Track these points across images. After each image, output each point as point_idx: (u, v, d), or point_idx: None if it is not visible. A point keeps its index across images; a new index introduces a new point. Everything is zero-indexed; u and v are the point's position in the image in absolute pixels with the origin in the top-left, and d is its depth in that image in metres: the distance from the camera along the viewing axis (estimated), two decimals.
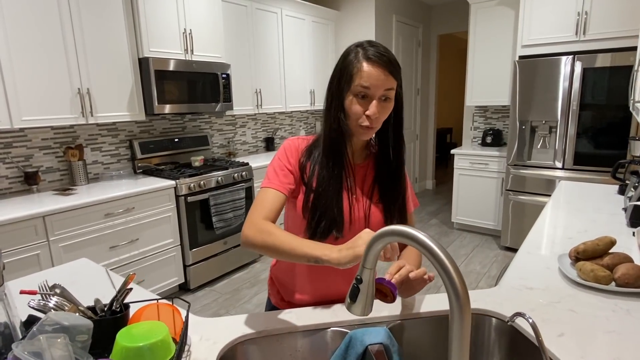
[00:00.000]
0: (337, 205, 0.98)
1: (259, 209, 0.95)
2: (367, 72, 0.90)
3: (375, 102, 0.91)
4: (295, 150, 1.03)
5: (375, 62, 0.90)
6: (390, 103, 0.95)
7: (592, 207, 1.81)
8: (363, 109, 0.92)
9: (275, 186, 0.98)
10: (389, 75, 0.91)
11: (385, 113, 0.95)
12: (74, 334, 0.71)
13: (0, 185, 2.42)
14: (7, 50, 2.12)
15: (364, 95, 0.91)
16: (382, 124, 0.97)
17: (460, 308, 0.45)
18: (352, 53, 0.94)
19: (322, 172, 0.99)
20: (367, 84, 0.90)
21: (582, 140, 3.08)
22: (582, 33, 3.03)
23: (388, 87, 0.91)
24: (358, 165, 1.07)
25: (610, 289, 1.03)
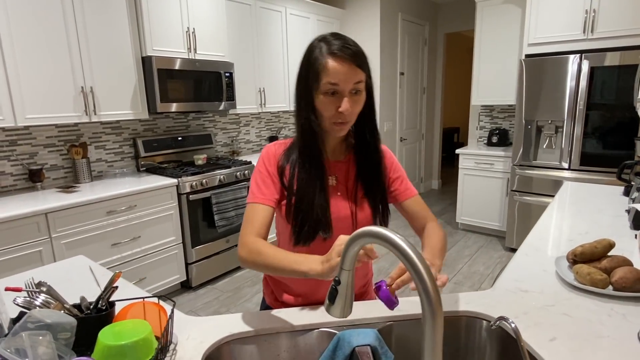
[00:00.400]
0: (320, 205, 0.97)
1: (249, 228, 0.95)
2: (333, 68, 0.87)
3: (346, 98, 0.89)
4: (272, 156, 1.02)
5: (340, 57, 0.87)
6: (362, 95, 0.93)
7: (595, 209, 1.77)
8: (335, 106, 0.90)
9: (260, 200, 0.97)
10: (357, 68, 0.88)
11: (358, 106, 0.93)
12: (57, 331, 0.72)
13: (5, 182, 2.45)
14: (12, 48, 2.14)
15: (334, 92, 0.89)
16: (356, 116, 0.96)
17: (433, 312, 0.44)
18: (317, 49, 0.91)
19: (300, 175, 0.98)
20: (335, 80, 0.87)
21: (588, 141, 3.03)
22: (589, 31, 2.97)
23: (357, 81, 0.89)
24: (339, 162, 1.05)
25: (607, 292, 1.00)
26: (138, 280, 2.61)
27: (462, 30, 5.27)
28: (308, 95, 0.93)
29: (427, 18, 5.19)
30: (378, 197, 1.04)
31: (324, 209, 0.98)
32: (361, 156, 1.03)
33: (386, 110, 4.63)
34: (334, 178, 1.03)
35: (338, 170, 1.04)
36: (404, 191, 1.09)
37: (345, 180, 1.04)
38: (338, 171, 1.04)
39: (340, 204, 1.03)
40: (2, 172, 2.44)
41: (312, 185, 0.97)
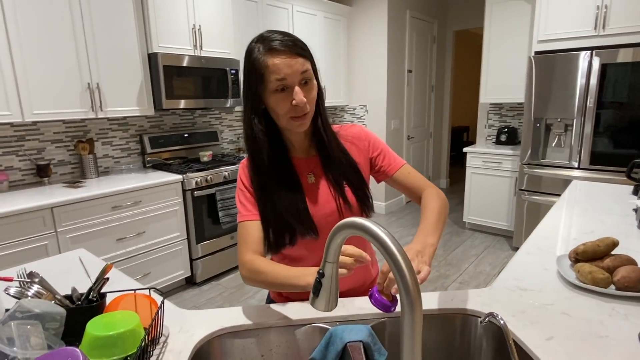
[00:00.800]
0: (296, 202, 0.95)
1: (244, 246, 0.95)
2: (276, 64, 0.84)
3: (297, 89, 0.86)
4: (245, 169, 1.00)
5: (280, 51, 0.85)
6: (312, 83, 0.90)
7: (602, 208, 1.73)
8: (289, 101, 0.87)
9: (248, 217, 0.97)
10: (299, 57, 0.86)
11: (311, 96, 0.90)
12: (46, 321, 0.72)
13: (14, 177, 2.49)
14: (19, 45, 2.17)
15: (283, 87, 0.86)
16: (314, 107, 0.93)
17: (411, 304, 0.43)
18: (255, 51, 0.88)
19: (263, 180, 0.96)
20: (281, 75, 0.84)
21: (599, 139, 2.97)
22: (601, 27, 2.91)
23: (303, 70, 0.86)
24: (312, 157, 1.02)
25: (609, 292, 0.98)
26: (142, 275, 2.64)
27: (472, 28, 5.20)
28: (257, 100, 0.90)
29: (436, 15, 5.13)
30: (356, 186, 1.01)
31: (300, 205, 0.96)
32: (321, 147, 1.00)
33: (393, 108, 4.60)
34: (311, 175, 1.01)
35: (313, 167, 1.02)
36: (389, 165, 1.06)
37: (323, 174, 1.02)
38: (313, 167, 1.02)
39: (323, 200, 1.01)
40: (11, 167, 2.47)
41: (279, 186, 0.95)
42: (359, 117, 4.72)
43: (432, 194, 1.01)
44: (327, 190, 1.01)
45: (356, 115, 4.75)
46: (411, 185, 1.05)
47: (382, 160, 1.06)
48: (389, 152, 1.07)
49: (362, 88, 4.63)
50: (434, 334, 0.95)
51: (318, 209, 0.99)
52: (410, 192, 1.06)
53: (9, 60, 2.14)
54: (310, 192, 1.00)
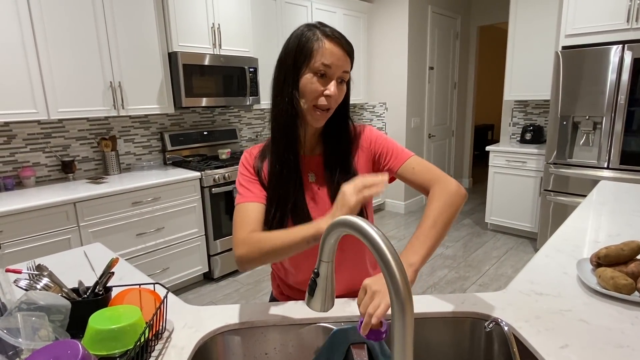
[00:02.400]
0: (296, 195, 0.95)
1: (241, 226, 0.90)
2: (329, 50, 0.86)
3: (334, 82, 0.88)
4: (249, 158, 1.01)
5: (337, 41, 0.87)
6: (344, 86, 0.92)
7: (630, 210, 1.64)
8: (322, 88, 0.88)
9: (250, 199, 0.95)
10: (348, 57, 0.89)
11: (341, 96, 0.92)
12: (51, 313, 0.73)
13: (40, 172, 2.59)
14: (45, 45, 2.24)
15: (324, 73, 0.87)
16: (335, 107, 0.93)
17: (402, 307, 0.41)
18: (309, 32, 0.89)
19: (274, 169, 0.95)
20: (329, 62, 0.86)
21: (630, 138, 2.82)
22: (634, 20, 2.76)
23: (346, 69, 0.89)
24: (315, 156, 1.01)
25: (632, 299, 0.92)
26: (161, 270, 2.69)
27: (497, 23, 5.05)
28: (296, 74, 0.89)
29: (459, 11, 5.01)
30: None
31: (299, 200, 0.95)
32: (328, 148, 1.00)
33: (414, 106, 4.52)
34: (312, 175, 1.00)
35: (315, 166, 1.01)
36: (394, 162, 0.99)
37: (323, 174, 1.01)
38: (316, 166, 1.01)
39: (321, 199, 0.99)
40: (37, 163, 2.57)
41: (287, 175, 0.94)
42: (379, 115, 4.66)
43: (436, 192, 0.91)
44: (325, 192, 1.00)
45: (376, 113, 4.70)
46: (419, 179, 0.95)
47: (386, 158, 1.02)
48: (394, 149, 1.01)
49: (382, 85, 4.57)
50: (442, 337, 0.92)
51: (315, 208, 0.98)
52: (419, 188, 0.98)
53: (35, 60, 2.22)
54: (309, 190, 0.99)
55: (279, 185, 0.95)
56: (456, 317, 0.91)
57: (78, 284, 0.83)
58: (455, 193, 0.91)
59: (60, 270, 1.19)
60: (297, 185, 0.95)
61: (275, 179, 0.95)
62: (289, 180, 0.95)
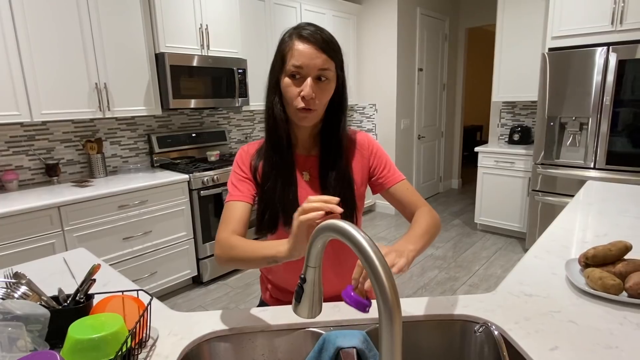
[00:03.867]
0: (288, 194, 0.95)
1: (225, 225, 0.93)
2: (298, 51, 0.85)
3: (309, 82, 0.86)
4: (245, 155, 1.01)
5: (307, 40, 0.85)
6: (329, 84, 0.89)
7: (617, 210, 1.66)
8: (298, 90, 0.87)
9: (237, 198, 0.96)
10: (322, 53, 0.86)
11: (324, 95, 0.89)
12: (29, 322, 0.71)
13: (23, 176, 2.52)
14: (28, 45, 2.19)
15: (297, 75, 0.87)
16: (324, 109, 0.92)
17: (390, 314, 0.39)
18: (286, 35, 0.90)
19: (267, 166, 0.96)
20: (299, 62, 0.85)
21: (615, 138, 2.86)
22: (618, 22, 2.80)
23: (322, 67, 0.86)
24: (311, 156, 1.01)
25: (620, 299, 0.92)
26: (149, 275, 2.64)
27: (485, 25, 5.10)
28: (276, 79, 0.91)
29: (448, 13, 5.05)
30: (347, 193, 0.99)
31: (291, 199, 0.95)
32: (324, 150, 0.99)
33: (403, 108, 4.54)
34: (307, 173, 1.00)
35: (311, 166, 1.01)
36: (389, 178, 1.03)
37: (317, 175, 1.01)
38: (311, 166, 1.01)
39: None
40: (21, 166, 2.51)
41: (277, 174, 0.95)
42: (369, 116, 4.67)
43: (425, 212, 0.97)
44: (318, 191, 1.00)
45: (366, 115, 4.70)
46: (407, 201, 1.01)
47: (382, 172, 1.03)
48: (391, 165, 1.05)
49: (372, 87, 4.57)
50: (432, 340, 0.91)
51: None
52: (404, 208, 1.02)
53: (17, 61, 2.17)
54: (303, 189, 0.99)
55: (272, 184, 0.95)
56: (446, 320, 0.91)
57: (58, 292, 0.81)
58: (438, 220, 0.98)
59: (40, 278, 1.15)
60: (290, 183, 0.95)
61: (268, 178, 0.96)
62: (282, 178, 0.95)
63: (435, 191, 5.46)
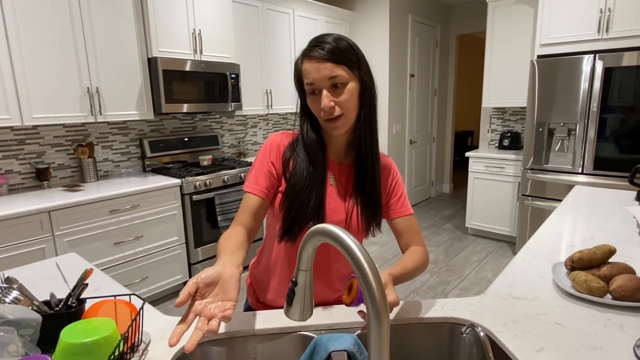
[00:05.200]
0: (317, 199, 0.95)
1: (238, 215, 0.97)
2: (307, 69, 0.89)
3: (324, 93, 0.88)
4: (276, 147, 1.01)
5: (311, 57, 0.89)
6: (346, 89, 0.89)
7: (603, 214, 1.70)
8: (319, 104, 0.90)
9: (251, 190, 0.98)
10: (327, 62, 0.87)
11: (344, 99, 0.89)
12: (20, 327, 0.71)
13: (13, 180, 2.50)
14: (19, 48, 2.18)
15: (314, 91, 0.90)
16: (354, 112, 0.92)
17: (378, 316, 0.41)
18: (298, 59, 0.93)
19: (300, 168, 0.97)
20: (311, 79, 0.89)
21: (602, 144, 2.92)
22: (604, 31, 2.87)
23: (331, 75, 0.87)
24: (342, 164, 1.03)
25: (605, 301, 0.95)
26: (140, 279, 2.63)
27: (475, 32, 5.18)
28: (302, 103, 0.97)
29: (439, 19, 5.12)
30: (372, 205, 1.00)
31: (318, 204, 0.96)
32: (359, 158, 1.00)
33: (395, 113, 4.58)
34: (333, 178, 1.01)
35: (341, 173, 1.02)
36: (399, 208, 1.05)
37: (345, 183, 1.02)
38: (341, 173, 1.02)
39: (335, 207, 1.00)
40: (11, 170, 2.48)
41: (309, 180, 0.96)
42: None
43: (420, 250, 1.02)
44: (342, 200, 1.00)
45: None
46: (407, 234, 1.05)
47: (394, 197, 1.05)
48: (405, 198, 1.07)
49: None
50: (420, 342, 0.93)
51: (327, 213, 0.99)
52: (402, 239, 1.06)
53: (8, 64, 2.16)
54: (327, 195, 1.00)
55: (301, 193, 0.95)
56: (435, 322, 0.92)
57: (50, 297, 0.81)
58: (427, 261, 1.04)
59: (31, 283, 1.14)
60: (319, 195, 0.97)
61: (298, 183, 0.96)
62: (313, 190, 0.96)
63: (427, 196, 5.50)
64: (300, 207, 0.95)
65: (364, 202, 1.00)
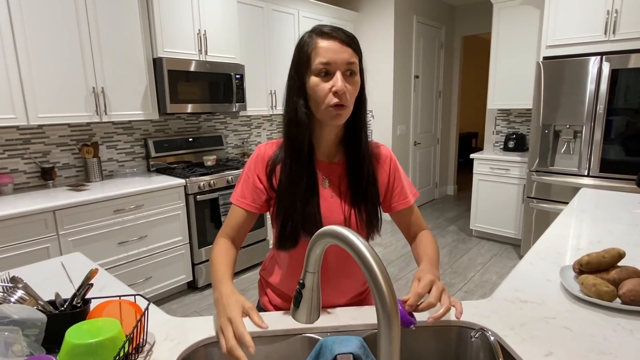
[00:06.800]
0: (308, 205, 0.93)
1: (224, 228, 1.01)
2: (324, 48, 0.85)
3: (339, 76, 0.84)
4: (261, 159, 0.98)
5: (331, 36, 0.86)
6: (357, 78, 0.89)
7: (610, 217, 1.68)
8: (329, 87, 0.85)
9: (238, 203, 0.99)
10: (348, 47, 0.86)
11: (354, 89, 0.89)
12: (25, 327, 0.70)
13: (19, 179, 2.51)
14: (26, 49, 2.19)
15: (327, 71, 0.85)
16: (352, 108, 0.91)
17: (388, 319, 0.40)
18: (306, 37, 0.89)
19: (285, 173, 0.94)
20: (327, 59, 0.84)
21: (609, 146, 2.90)
22: (611, 32, 2.85)
23: (350, 61, 0.86)
24: (333, 163, 0.99)
25: (614, 306, 0.93)
26: (144, 279, 2.63)
27: (480, 33, 5.16)
28: (300, 82, 0.89)
29: (444, 21, 5.10)
30: (370, 202, 0.98)
31: (312, 209, 0.93)
32: (350, 156, 0.97)
33: (399, 114, 4.57)
34: (326, 181, 0.98)
35: (332, 173, 0.98)
36: (401, 201, 1.04)
37: (339, 183, 0.99)
38: (332, 173, 0.98)
39: (333, 208, 0.97)
40: (16, 169, 2.49)
41: (297, 184, 0.92)
42: None
43: (429, 236, 1.04)
44: (338, 201, 0.98)
45: None
46: (412, 224, 1.06)
47: (395, 190, 1.03)
48: (405, 187, 1.05)
49: (368, 93, 4.52)
50: (427, 346, 0.92)
51: (325, 216, 0.96)
52: (407, 229, 1.07)
53: (15, 64, 2.17)
54: (323, 198, 0.97)
55: (291, 196, 0.93)
56: (442, 325, 0.91)
57: (55, 297, 0.80)
58: (437, 243, 1.07)
59: (36, 282, 1.14)
60: (311, 195, 0.93)
61: (287, 188, 0.94)
62: (303, 189, 0.93)
63: (431, 197, 5.48)
64: (294, 215, 0.93)
65: (360, 200, 0.98)
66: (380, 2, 4.29)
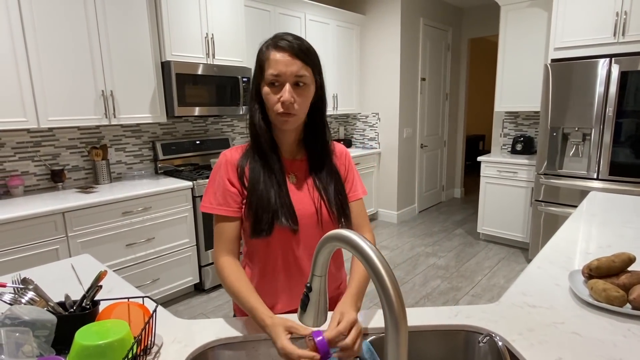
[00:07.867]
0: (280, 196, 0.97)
1: (217, 244, 1.00)
2: (275, 60, 0.90)
3: (287, 87, 0.90)
4: (230, 164, 1.01)
5: (282, 49, 0.90)
6: (307, 89, 0.94)
7: (621, 221, 1.66)
8: (277, 96, 0.92)
9: (223, 212, 0.98)
10: (298, 60, 0.90)
11: (303, 100, 0.94)
12: (35, 328, 0.71)
13: (29, 182, 2.55)
14: (36, 53, 2.23)
15: (276, 82, 0.91)
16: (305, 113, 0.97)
17: (396, 324, 0.40)
18: (264, 47, 0.94)
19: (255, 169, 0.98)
20: (277, 72, 0.90)
21: (618, 149, 2.86)
22: (620, 34, 2.82)
23: (299, 74, 0.91)
24: (296, 160, 1.05)
25: (624, 311, 0.92)
26: (151, 281, 2.65)
27: (488, 35, 5.14)
28: (257, 89, 0.96)
29: (451, 23, 5.09)
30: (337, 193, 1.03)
31: (284, 198, 0.97)
32: (312, 157, 1.04)
33: (406, 117, 4.56)
34: (293, 176, 1.04)
35: (297, 169, 1.05)
36: (352, 192, 1.09)
37: (304, 178, 1.05)
38: (297, 170, 1.05)
39: (304, 200, 1.02)
40: (26, 172, 2.53)
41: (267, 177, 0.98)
42: (372, 125, 4.69)
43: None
44: (307, 193, 1.03)
45: (368, 123, 4.72)
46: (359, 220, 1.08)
47: (347, 184, 1.09)
48: (356, 181, 1.11)
49: (375, 96, 4.60)
50: (435, 350, 0.91)
51: (297, 208, 1.00)
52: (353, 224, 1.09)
53: (26, 68, 2.20)
54: (290, 191, 1.02)
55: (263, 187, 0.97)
56: (450, 330, 0.91)
57: (65, 298, 0.81)
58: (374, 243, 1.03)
59: (46, 283, 1.16)
60: (280, 185, 0.99)
61: (258, 182, 0.98)
62: (272, 181, 0.98)
63: (438, 200, 5.45)
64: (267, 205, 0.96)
65: (327, 192, 1.03)
66: (387, 4, 4.29)
